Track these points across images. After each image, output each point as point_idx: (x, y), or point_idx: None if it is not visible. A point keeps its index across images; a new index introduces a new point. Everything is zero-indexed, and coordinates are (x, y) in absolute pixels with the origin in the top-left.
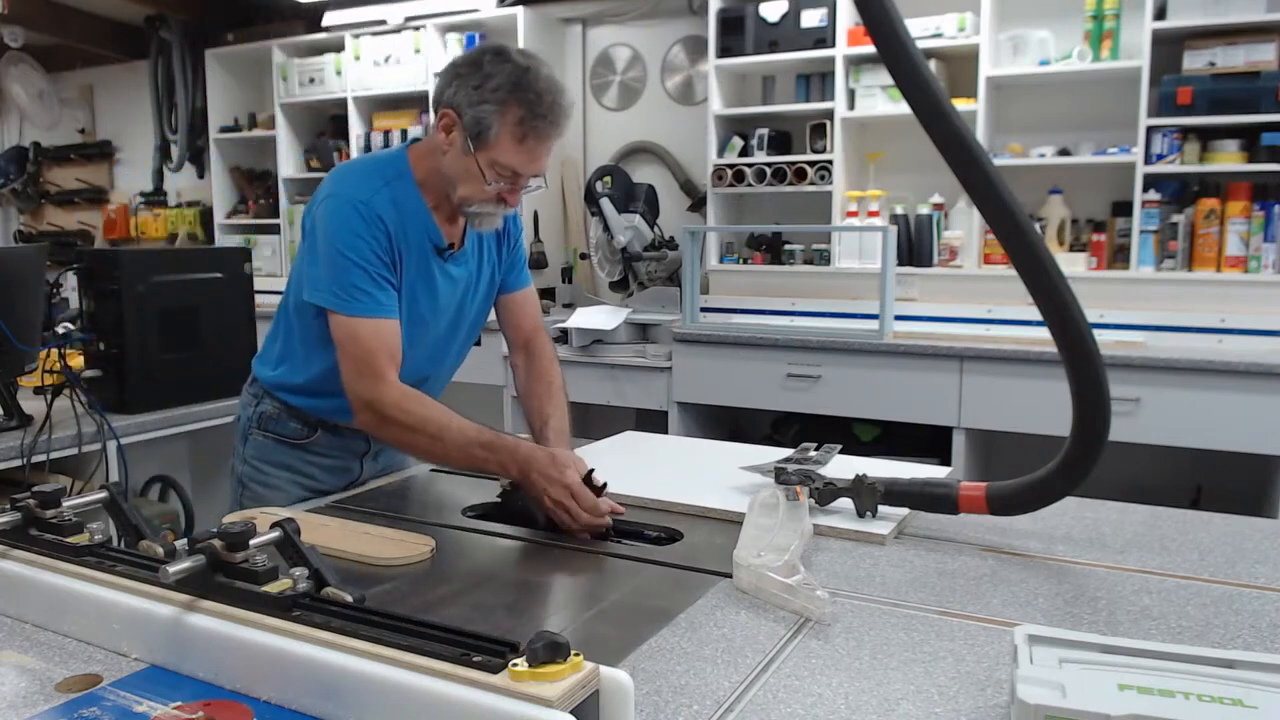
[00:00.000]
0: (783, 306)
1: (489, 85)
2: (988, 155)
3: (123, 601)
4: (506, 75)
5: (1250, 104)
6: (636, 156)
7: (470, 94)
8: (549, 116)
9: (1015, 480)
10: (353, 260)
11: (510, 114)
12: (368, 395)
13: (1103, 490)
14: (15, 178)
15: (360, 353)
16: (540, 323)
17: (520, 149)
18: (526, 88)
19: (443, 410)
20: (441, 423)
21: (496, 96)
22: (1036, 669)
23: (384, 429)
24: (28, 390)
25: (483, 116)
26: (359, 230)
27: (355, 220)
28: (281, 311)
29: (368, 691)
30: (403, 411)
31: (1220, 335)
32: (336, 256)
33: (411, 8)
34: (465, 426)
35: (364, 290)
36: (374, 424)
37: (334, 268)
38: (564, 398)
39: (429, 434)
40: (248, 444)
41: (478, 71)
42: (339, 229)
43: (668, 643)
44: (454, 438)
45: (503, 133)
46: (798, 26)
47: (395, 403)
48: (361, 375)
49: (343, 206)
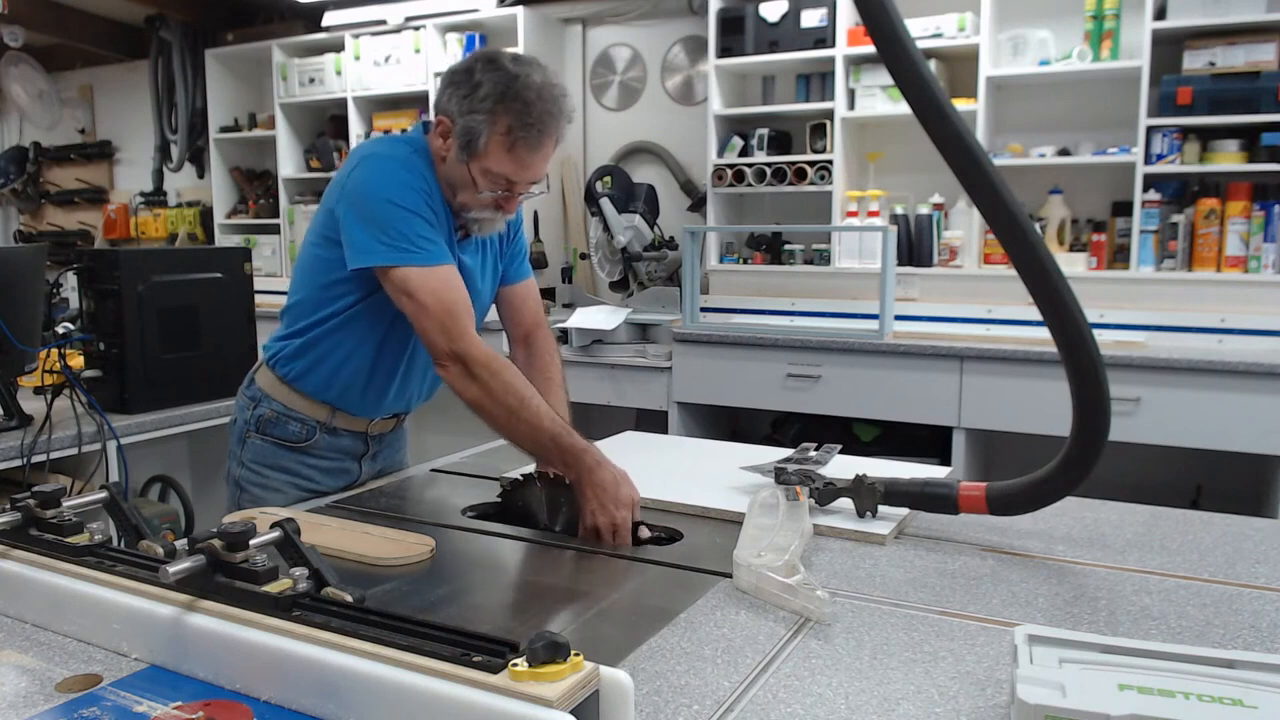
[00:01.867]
0: (783, 306)
1: (478, 94)
2: (988, 155)
3: (123, 601)
4: (495, 84)
5: (1250, 104)
6: (636, 156)
7: (461, 103)
8: (538, 125)
9: (1015, 480)
10: (408, 209)
11: (499, 123)
12: (455, 350)
13: (1103, 490)
14: (15, 178)
15: (440, 305)
16: (541, 317)
17: (510, 158)
18: (515, 96)
19: (526, 384)
20: (523, 395)
21: (485, 106)
22: (1036, 669)
23: (468, 386)
24: (28, 390)
25: (473, 126)
26: (407, 181)
27: (401, 172)
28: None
29: (368, 691)
30: (490, 372)
31: (1220, 335)
32: (388, 208)
33: (411, 8)
34: (543, 410)
35: (427, 238)
36: (459, 378)
37: (387, 220)
38: (565, 395)
39: (508, 404)
40: (245, 447)
41: (469, 80)
42: (385, 181)
43: (668, 643)
44: (529, 417)
45: (492, 142)
46: (798, 26)
47: (483, 361)
48: (445, 330)
49: (385, 162)
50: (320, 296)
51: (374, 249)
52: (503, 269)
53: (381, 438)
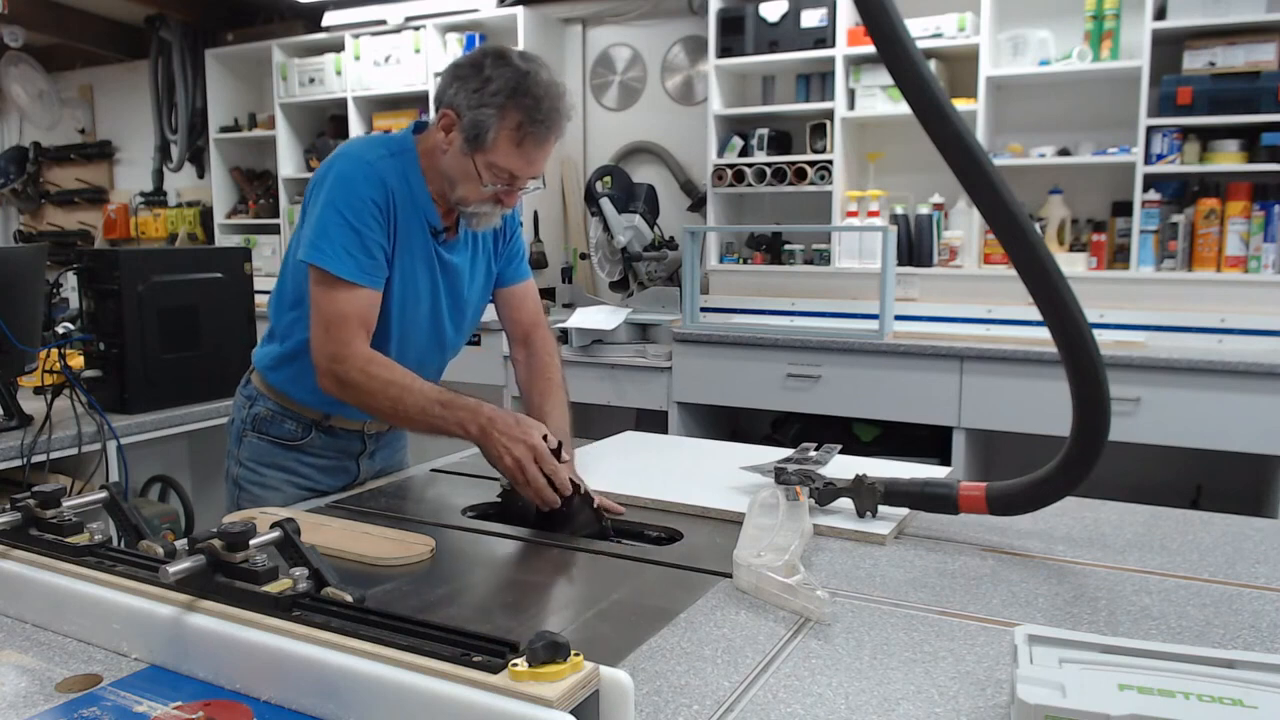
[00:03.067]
0: (783, 306)
1: (489, 89)
2: (988, 155)
3: (123, 601)
4: (506, 79)
5: (1250, 104)
6: (636, 156)
7: (470, 96)
8: (547, 121)
9: (1015, 480)
10: (349, 220)
11: (509, 118)
12: (331, 354)
13: (1103, 490)
14: (15, 178)
15: (333, 314)
16: (541, 317)
17: (518, 153)
18: (525, 92)
19: (405, 373)
20: (403, 384)
21: (496, 100)
22: (1036, 669)
23: (345, 390)
24: (28, 390)
25: (481, 119)
26: (360, 191)
27: (358, 180)
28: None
29: (368, 691)
30: (365, 375)
31: (1220, 335)
32: (333, 214)
33: (411, 8)
34: (426, 388)
35: (351, 254)
36: (334, 385)
37: (327, 225)
38: (564, 395)
39: (390, 396)
40: (243, 446)
41: (478, 74)
42: (340, 187)
43: (668, 643)
44: (413, 399)
45: (500, 136)
46: (798, 26)
47: (359, 365)
48: (329, 336)
49: (348, 165)
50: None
51: (309, 244)
52: (499, 270)
53: (379, 436)
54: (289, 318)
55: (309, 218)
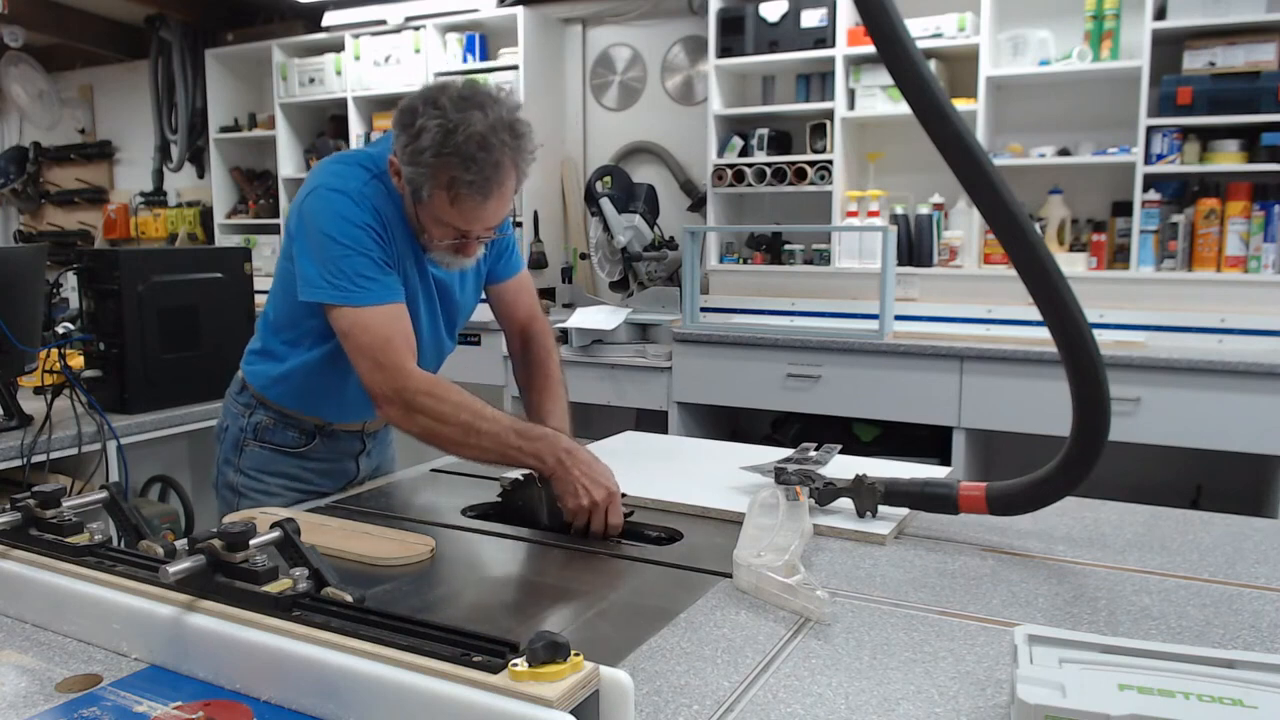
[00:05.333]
0: (783, 306)
1: (419, 143)
2: (988, 155)
3: (123, 601)
4: (433, 135)
5: (1250, 104)
6: (636, 156)
7: (403, 151)
8: (478, 181)
9: (1015, 480)
10: (350, 247)
11: (439, 176)
12: (392, 386)
13: (1103, 490)
14: (15, 178)
15: (375, 342)
16: (537, 310)
17: (456, 211)
18: (454, 150)
19: (473, 398)
20: (474, 410)
21: (423, 159)
22: (1036, 669)
23: (412, 421)
24: (28, 390)
25: (414, 178)
26: (352, 216)
27: (348, 206)
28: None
29: (368, 691)
30: (433, 399)
31: (1220, 335)
32: (331, 245)
33: (411, 8)
34: (499, 415)
35: (368, 277)
36: (401, 417)
37: (330, 257)
38: (563, 391)
39: (461, 424)
40: (243, 455)
41: (411, 124)
42: (331, 218)
43: (668, 643)
44: (488, 427)
45: (435, 194)
46: (798, 26)
47: (424, 391)
48: (380, 366)
49: (332, 196)
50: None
51: (318, 284)
52: (488, 268)
53: (377, 435)
54: (285, 337)
55: (308, 257)
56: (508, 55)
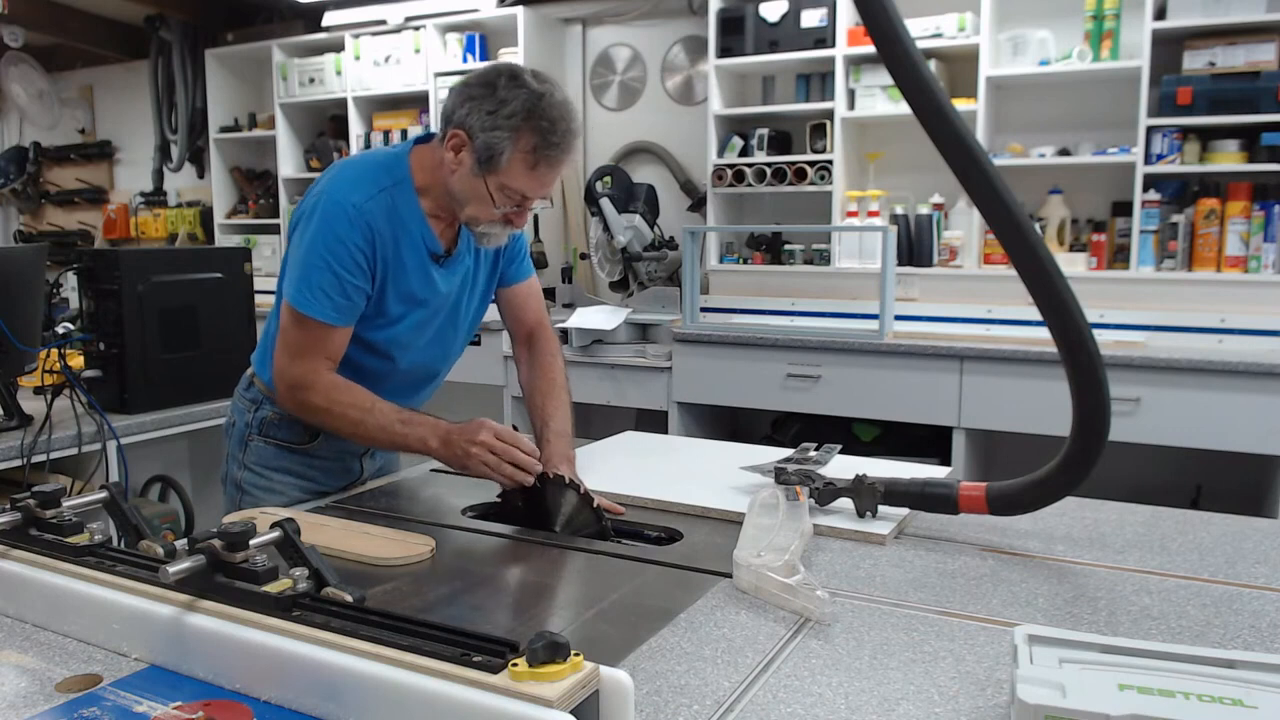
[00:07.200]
0: (783, 306)
1: (503, 111)
2: (988, 155)
3: (123, 601)
4: (522, 102)
5: (1250, 104)
6: (636, 156)
7: (484, 118)
8: (561, 144)
9: (1015, 480)
10: (329, 263)
11: (524, 141)
12: (295, 380)
13: (1103, 490)
14: (15, 178)
15: (303, 340)
16: (544, 316)
17: (531, 175)
18: (541, 115)
19: (367, 395)
20: (364, 406)
21: (510, 123)
22: (1036, 669)
23: (305, 413)
24: (28, 390)
25: (495, 142)
26: (344, 235)
27: (343, 224)
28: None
29: (368, 691)
30: (328, 398)
31: (1220, 335)
32: (313, 255)
33: (411, 8)
34: (387, 408)
35: (328, 295)
36: (295, 405)
37: (307, 266)
38: (567, 396)
39: (351, 420)
40: (248, 450)
41: (491, 95)
42: (324, 229)
43: (668, 643)
44: (376, 420)
45: (515, 159)
46: (798, 26)
47: (322, 389)
48: (294, 359)
49: (334, 208)
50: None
51: (290, 280)
52: (501, 270)
53: None
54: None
55: (293, 257)
56: (508, 55)
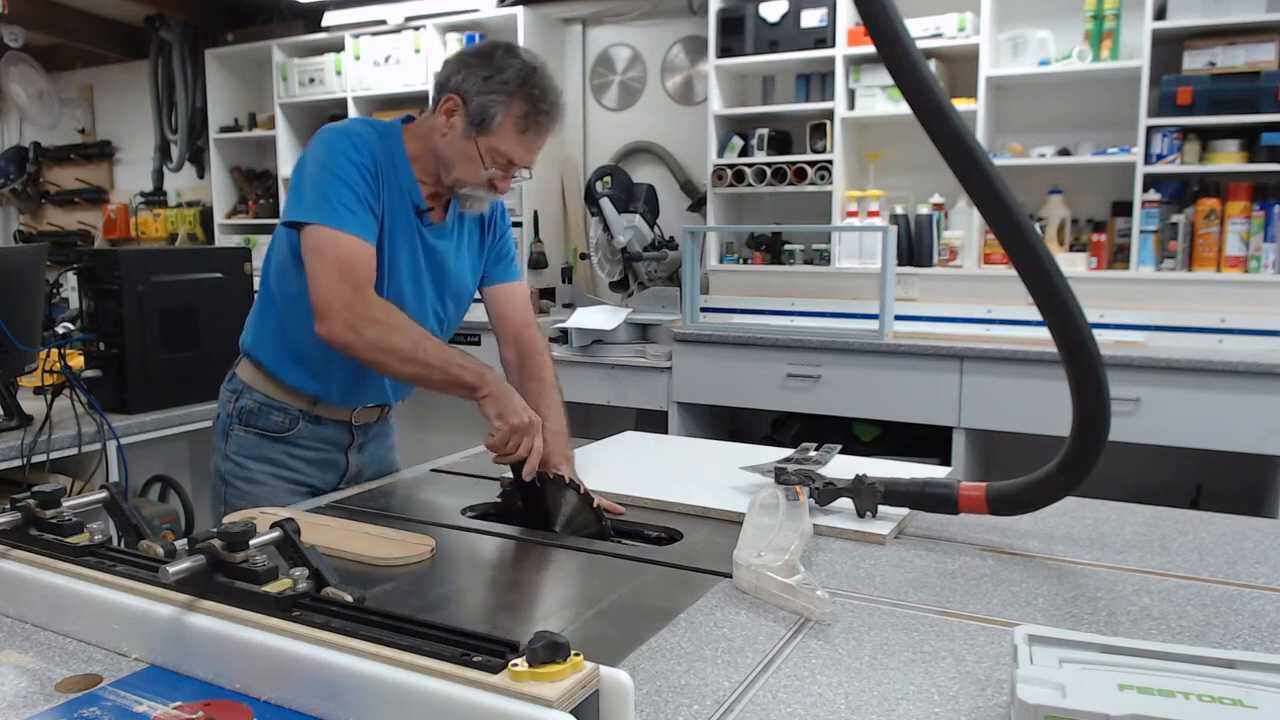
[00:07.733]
0: (783, 306)
1: (499, 77)
2: (988, 155)
3: (123, 601)
4: (516, 70)
5: (1250, 104)
6: (636, 156)
7: (480, 83)
8: (550, 112)
9: (1015, 480)
10: (340, 177)
11: (516, 106)
12: (346, 298)
13: (1103, 490)
14: (15, 178)
15: (343, 257)
16: (531, 317)
17: (520, 140)
18: (534, 84)
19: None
20: (421, 330)
21: (505, 88)
22: (1036, 669)
23: (363, 332)
24: (28, 390)
25: (489, 105)
26: (348, 153)
27: (345, 144)
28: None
29: (368, 691)
30: (387, 312)
31: (1220, 335)
32: (322, 173)
33: (411, 8)
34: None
35: (348, 207)
36: (346, 329)
37: (319, 184)
38: (559, 396)
39: (411, 336)
40: (229, 440)
41: (488, 63)
42: (328, 151)
43: (668, 643)
44: (433, 346)
45: (506, 122)
46: (798, 26)
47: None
48: (341, 279)
49: (333, 135)
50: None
51: (293, 206)
52: (487, 269)
53: (367, 429)
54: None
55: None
56: None
